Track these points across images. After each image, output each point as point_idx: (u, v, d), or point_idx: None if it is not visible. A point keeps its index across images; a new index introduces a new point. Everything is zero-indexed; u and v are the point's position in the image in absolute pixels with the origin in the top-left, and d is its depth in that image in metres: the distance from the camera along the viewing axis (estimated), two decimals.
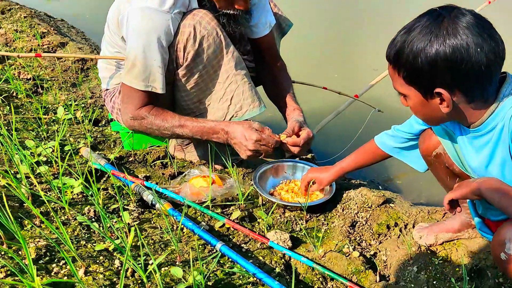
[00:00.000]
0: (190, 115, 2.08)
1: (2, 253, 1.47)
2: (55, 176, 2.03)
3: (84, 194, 1.93)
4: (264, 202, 2.04)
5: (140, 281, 1.45)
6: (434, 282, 1.66)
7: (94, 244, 1.63)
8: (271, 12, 2.25)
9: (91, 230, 1.73)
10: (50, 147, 2.21)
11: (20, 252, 1.51)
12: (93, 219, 1.80)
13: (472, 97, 1.30)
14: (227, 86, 2.02)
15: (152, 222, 1.86)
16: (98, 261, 1.53)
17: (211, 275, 1.54)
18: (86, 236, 1.70)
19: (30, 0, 5.77)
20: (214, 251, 1.68)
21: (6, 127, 2.32)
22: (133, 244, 1.66)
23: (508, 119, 1.28)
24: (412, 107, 1.41)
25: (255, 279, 1.55)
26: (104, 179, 2.11)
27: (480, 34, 1.22)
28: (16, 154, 2.00)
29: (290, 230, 1.91)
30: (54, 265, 1.48)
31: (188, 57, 1.93)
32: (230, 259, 1.64)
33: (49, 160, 2.16)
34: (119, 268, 1.52)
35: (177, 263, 1.59)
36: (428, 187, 2.42)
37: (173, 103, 2.17)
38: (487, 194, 1.26)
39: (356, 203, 2.02)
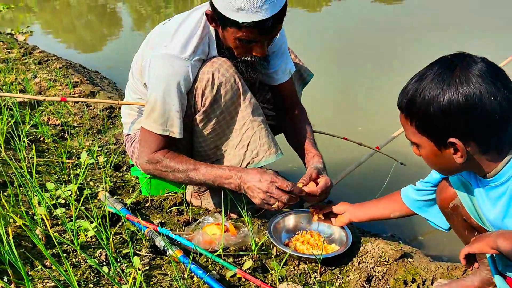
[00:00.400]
0: (207, 161, 2.09)
1: None
2: (72, 218, 2.04)
3: (98, 238, 1.92)
4: (278, 253, 1.99)
5: None
6: None
7: None
8: (291, 60, 2.28)
9: (101, 273, 1.71)
10: (68, 190, 2.24)
11: None
12: (104, 263, 1.79)
13: (487, 147, 1.27)
14: (243, 132, 2.02)
15: (163, 268, 1.83)
16: None
17: None
18: (95, 280, 1.69)
19: (65, 51, 6.00)
20: None
21: (29, 170, 2.36)
22: None
23: None
24: (425, 157, 1.38)
25: None
26: (120, 223, 2.11)
27: (493, 83, 1.20)
28: (35, 195, 2.03)
29: (303, 282, 1.85)
30: None
31: (205, 102, 1.96)
32: None
33: (67, 203, 2.18)
34: None
35: None
36: (449, 244, 2.32)
37: (192, 151, 2.18)
38: (504, 247, 1.20)
39: (372, 257, 1.95)
